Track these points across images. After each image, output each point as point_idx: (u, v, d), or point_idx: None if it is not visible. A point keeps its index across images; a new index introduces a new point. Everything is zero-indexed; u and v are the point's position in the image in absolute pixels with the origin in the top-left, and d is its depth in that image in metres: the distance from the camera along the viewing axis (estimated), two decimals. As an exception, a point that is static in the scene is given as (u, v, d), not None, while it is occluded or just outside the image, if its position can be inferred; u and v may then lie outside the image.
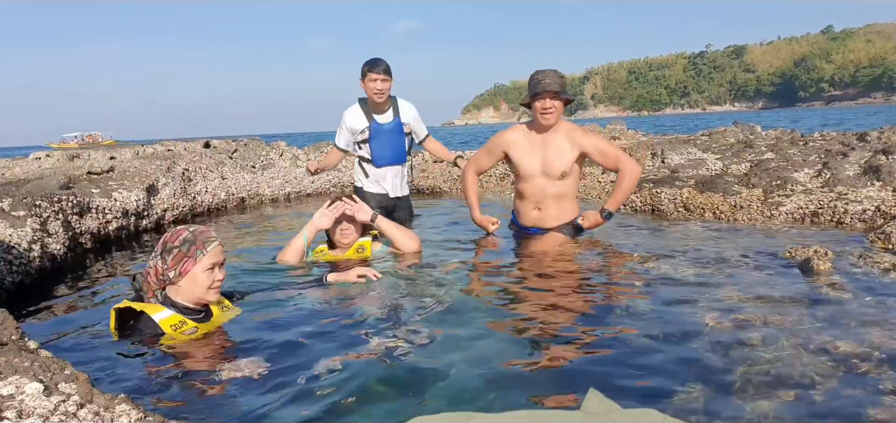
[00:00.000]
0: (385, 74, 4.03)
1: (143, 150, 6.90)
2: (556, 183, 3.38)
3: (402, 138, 4.29)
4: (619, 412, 1.43)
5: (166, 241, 2.10)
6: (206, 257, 2.07)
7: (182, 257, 2.05)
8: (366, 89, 4.11)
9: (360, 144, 4.29)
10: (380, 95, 4.07)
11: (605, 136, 3.44)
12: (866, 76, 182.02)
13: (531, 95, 3.31)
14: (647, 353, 1.84)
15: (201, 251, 2.07)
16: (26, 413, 1.19)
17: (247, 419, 1.50)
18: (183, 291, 2.08)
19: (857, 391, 1.54)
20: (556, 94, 3.24)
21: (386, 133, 4.22)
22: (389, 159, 4.28)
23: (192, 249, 2.06)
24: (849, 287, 2.39)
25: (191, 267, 2.05)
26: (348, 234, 3.16)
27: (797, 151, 5.39)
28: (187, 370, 1.78)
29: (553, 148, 3.35)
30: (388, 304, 2.43)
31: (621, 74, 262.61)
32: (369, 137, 4.20)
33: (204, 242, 2.09)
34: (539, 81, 3.27)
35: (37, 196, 3.57)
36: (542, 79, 3.26)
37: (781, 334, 1.92)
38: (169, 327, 2.01)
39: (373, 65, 4.04)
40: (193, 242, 2.08)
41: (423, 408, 1.52)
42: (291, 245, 3.13)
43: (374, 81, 4.03)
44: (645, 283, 2.60)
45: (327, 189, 7.50)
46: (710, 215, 4.28)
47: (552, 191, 3.41)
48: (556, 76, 3.29)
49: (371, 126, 4.17)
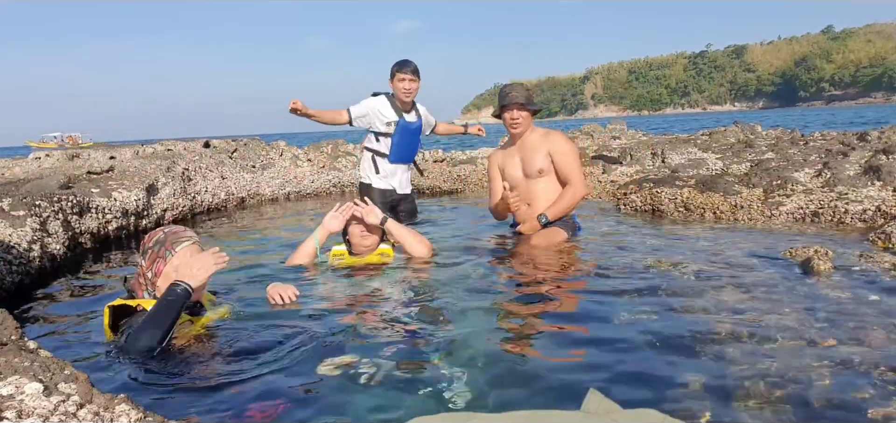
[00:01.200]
0: (413, 74, 4.23)
1: (143, 149, 6.90)
2: (537, 181, 3.60)
3: (418, 141, 4.50)
4: (619, 412, 1.43)
5: (144, 242, 2.17)
6: (175, 256, 2.10)
7: (155, 257, 2.11)
8: (395, 88, 4.28)
9: (380, 137, 4.38)
10: (407, 94, 4.25)
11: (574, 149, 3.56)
12: (866, 76, 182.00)
13: (500, 107, 3.63)
14: (647, 353, 1.84)
15: (170, 252, 2.11)
16: (26, 413, 1.19)
17: (247, 418, 1.50)
18: (162, 290, 2.09)
19: (857, 391, 1.54)
20: (521, 105, 3.55)
21: (410, 133, 4.38)
22: (404, 157, 4.44)
23: (162, 249, 2.11)
24: (849, 287, 2.39)
25: (162, 267, 2.10)
26: (367, 237, 3.08)
27: (797, 151, 5.39)
28: (187, 370, 1.78)
29: (527, 150, 3.61)
30: (388, 304, 2.43)
31: (621, 73, 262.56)
32: (395, 131, 4.31)
33: (173, 242, 2.13)
34: (506, 95, 3.58)
35: (37, 196, 3.57)
36: (508, 92, 3.58)
37: (781, 334, 1.91)
38: None
39: (402, 66, 4.23)
40: (163, 242, 2.13)
41: (423, 408, 1.52)
42: (301, 249, 3.09)
43: (403, 81, 4.21)
44: (645, 283, 2.60)
45: (327, 189, 7.50)
46: (711, 214, 4.28)
47: (536, 188, 3.61)
48: (522, 89, 3.61)
49: (399, 122, 4.31)
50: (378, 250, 3.13)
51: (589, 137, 8.98)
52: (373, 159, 4.45)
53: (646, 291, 2.48)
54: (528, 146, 3.60)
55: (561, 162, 3.53)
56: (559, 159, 3.53)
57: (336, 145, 8.29)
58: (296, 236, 4.41)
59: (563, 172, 3.53)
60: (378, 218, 3.08)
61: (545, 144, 3.57)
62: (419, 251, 3.13)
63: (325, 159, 7.91)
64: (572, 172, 3.51)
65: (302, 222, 5.17)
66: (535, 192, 3.59)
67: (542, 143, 3.58)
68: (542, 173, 3.56)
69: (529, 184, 3.61)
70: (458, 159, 8.03)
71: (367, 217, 3.06)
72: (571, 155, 3.56)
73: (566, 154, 3.54)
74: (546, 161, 3.55)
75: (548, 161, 3.55)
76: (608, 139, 8.64)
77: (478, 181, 7.17)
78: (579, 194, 3.55)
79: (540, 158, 3.55)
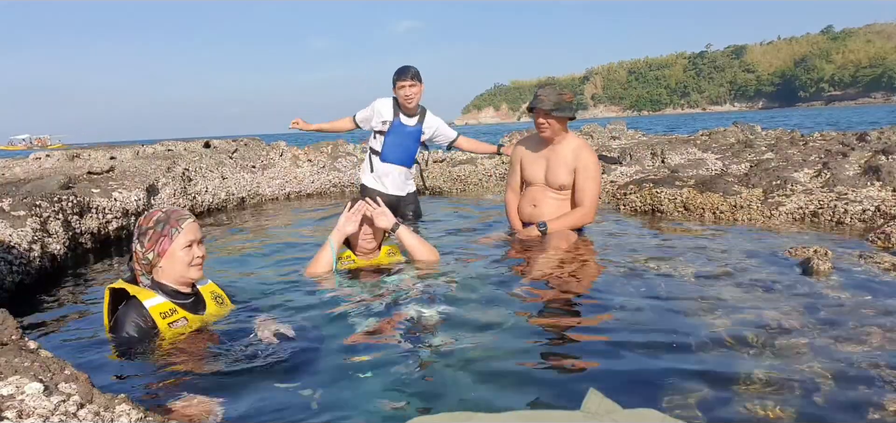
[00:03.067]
0: (413, 79, 4.28)
1: (143, 150, 6.91)
2: (555, 193, 3.54)
3: (415, 145, 4.50)
4: (619, 412, 1.43)
5: (141, 224, 2.11)
6: (182, 234, 2.07)
7: (158, 237, 2.06)
8: (398, 95, 4.36)
9: (377, 135, 4.45)
10: (408, 99, 4.30)
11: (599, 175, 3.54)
12: (866, 76, 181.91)
13: (528, 108, 3.54)
14: (647, 353, 1.84)
15: (176, 229, 2.07)
16: (26, 413, 1.19)
17: (247, 418, 1.50)
18: (166, 272, 2.08)
19: (857, 391, 1.54)
20: (546, 113, 3.40)
21: (404, 134, 4.41)
22: (395, 159, 4.45)
23: (167, 228, 2.07)
24: (849, 287, 2.39)
25: (168, 246, 2.06)
26: (369, 239, 3.01)
27: (797, 151, 5.39)
28: (187, 370, 1.78)
29: (556, 159, 3.50)
30: (388, 305, 2.43)
31: (621, 74, 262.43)
32: (388, 130, 4.37)
33: (177, 219, 2.09)
34: (536, 97, 3.46)
35: (37, 196, 3.57)
36: (538, 94, 3.46)
37: (781, 335, 1.92)
38: (158, 315, 2.00)
39: (401, 73, 4.30)
40: (167, 221, 2.08)
41: (423, 408, 1.52)
42: (320, 258, 2.92)
43: (403, 88, 4.29)
44: (645, 283, 2.60)
45: (327, 189, 7.50)
46: (710, 215, 4.28)
47: (550, 197, 3.56)
48: (553, 94, 3.43)
49: (394, 122, 4.37)
50: (384, 249, 3.09)
51: (589, 137, 8.98)
52: (370, 158, 4.54)
53: (645, 291, 2.48)
54: (559, 155, 3.50)
55: (582, 182, 3.45)
56: (581, 178, 3.45)
57: (336, 146, 8.29)
58: (296, 237, 4.42)
59: (581, 194, 3.47)
60: (390, 222, 3.00)
61: (574, 160, 3.47)
62: (426, 258, 3.05)
63: (325, 159, 7.91)
64: (587, 196, 3.46)
65: (300, 218, 5.17)
66: (546, 199, 3.55)
67: (572, 157, 3.47)
68: (562, 188, 3.51)
69: (547, 191, 3.56)
70: (458, 159, 8.03)
71: (377, 220, 2.96)
72: (594, 180, 3.48)
73: (590, 178, 3.45)
74: (570, 177, 3.48)
75: (571, 178, 3.48)
76: (608, 139, 8.64)
77: (478, 181, 7.16)
78: (587, 220, 3.51)
79: (564, 173, 3.48)
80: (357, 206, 2.98)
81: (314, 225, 4.96)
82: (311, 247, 3.94)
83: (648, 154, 6.70)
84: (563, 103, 3.41)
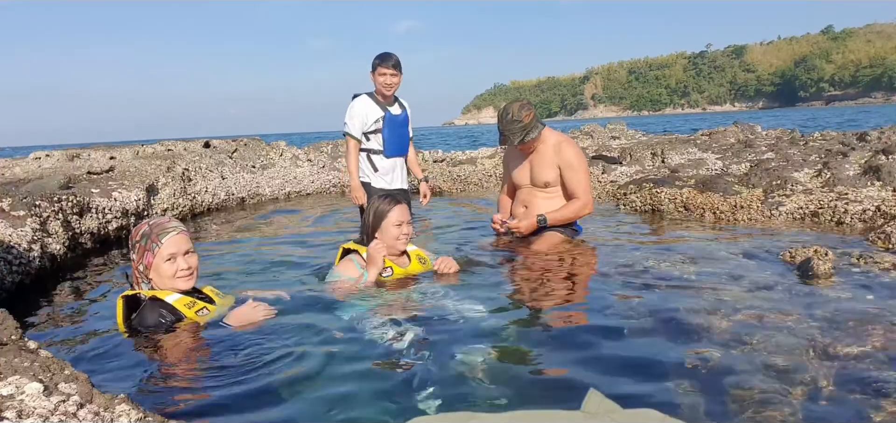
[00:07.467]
0: (394, 69, 4.15)
1: (142, 150, 6.91)
2: (543, 191, 3.54)
3: (407, 131, 4.44)
4: (619, 412, 1.43)
5: (132, 236, 2.17)
6: (163, 247, 2.10)
7: (144, 251, 2.11)
8: (376, 82, 4.21)
9: (370, 135, 4.35)
10: (388, 88, 4.18)
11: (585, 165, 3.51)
12: (866, 76, 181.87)
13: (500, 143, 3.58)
14: (647, 353, 1.84)
15: (156, 244, 2.10)
16: (26, 413, 1.19)
17: (247, 418, 1.50)
18: (157, 282, 2.12)
19: (857, 391, 1.54)
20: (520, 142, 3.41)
21: (397, 124, 4.33)
22: (398, 150, 4.39)
23: (149, 242, 2.11)
24: (849, 287, 2.39)
25: (151, 260, 2.10)
26: (404, 239, 2.81)
27: (797, 151, 5.40)
28: (187, 370, 1.78)
29: (539, 160, 3.53)
30: (389, 306, 2.43)
31: (621, 73, 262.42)
32: (383, 126, 4.29)
33: (158, 234, 2.11)
34: (502, 135, 3.46)
35: (37, 196, 3.57)
36: (502, 131, 3.44)
37: (781, 335, 1.92)
38: (184, 306, 2.07)
39: (384, 59, 4.15)
40: (149, 235, 2.12)
41: (423, 408, 1.52)
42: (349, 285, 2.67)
43: (384, 76, 4.14)
44: (645, 283, 2.60)
45: (327, 188, 7.50)
46: (710, 214, 4.28)
47: (539, 196, 3.56)
48: (517, 126, 3.39)
49: (385, 116, 4.27)
50: (414, 255, 2.90)
51: (589, 137, 8.98)
52: (369, 158, 4.40)
53: (645, 291, 2.48)
54: (541, 155, 3.53)
55: (569, 177, 3.46)
56: (568, 174, 3.45)
57: (336, 146, 8.30)
58: (295, 233, 4.42)
59: (571, 187, 3.47)
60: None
61: (556, 157, 3.48)
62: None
63: (324, 159, 7.92)
64: (580, 188, 3.46)
65: (299, 219, 5.17)
66: (536, 201, 3.55)
67: (553, 155, 3.49)
68: (548, 186, 3.52)
69: (534, 192, 3.57)
70: (458, 159, 8.03)
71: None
72: (581, 171, 3.48)
73: (576, 170, 3.46)
74: (554, 173, 3.49)
75: (556, 173, 3.49)
76: (608, 139, 8.65)
77: (478, 181, 7.17)
78: (586, 211, 3.51)
79: (548, 171, 3.49)
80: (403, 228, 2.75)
81: (314, 224, 4.97)
82: (311, 247, 3.95)
83: (648, 154, 6.70)
84: (529, 126, 3.40)
